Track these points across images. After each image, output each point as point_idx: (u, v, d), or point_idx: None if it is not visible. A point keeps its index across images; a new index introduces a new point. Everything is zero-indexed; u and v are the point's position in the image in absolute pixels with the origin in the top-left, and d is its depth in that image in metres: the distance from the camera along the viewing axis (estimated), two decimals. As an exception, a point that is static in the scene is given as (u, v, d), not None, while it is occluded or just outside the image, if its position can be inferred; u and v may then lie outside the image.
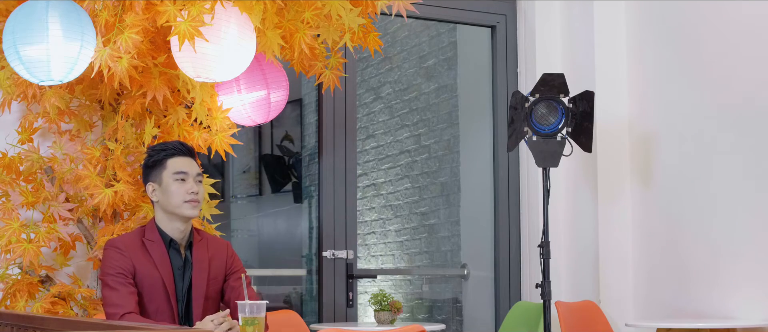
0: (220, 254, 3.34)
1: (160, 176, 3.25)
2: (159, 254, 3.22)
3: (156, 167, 3.26)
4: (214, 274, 3.30)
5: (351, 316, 4.96)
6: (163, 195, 3.24)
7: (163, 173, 3.25)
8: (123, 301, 3.11)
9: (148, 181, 3.28)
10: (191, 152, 3.32)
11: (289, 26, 3.67)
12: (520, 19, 5.39)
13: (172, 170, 3.24)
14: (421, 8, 4.02)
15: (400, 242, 7.07)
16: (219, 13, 3.34)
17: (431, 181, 6.64)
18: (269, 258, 6.63)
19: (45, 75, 3.30)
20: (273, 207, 7.05)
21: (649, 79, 4.94)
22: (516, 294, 5.28)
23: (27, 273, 3.68)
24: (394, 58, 7.17)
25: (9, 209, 3.65)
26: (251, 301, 2.84)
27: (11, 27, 3.27)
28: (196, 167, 3.28)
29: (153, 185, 3.26)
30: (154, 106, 3.67)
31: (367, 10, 3.82)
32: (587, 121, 4.38)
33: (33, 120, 3.79)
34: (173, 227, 3.26)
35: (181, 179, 3.23)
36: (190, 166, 3.27)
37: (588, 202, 5.00)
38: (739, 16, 4.51)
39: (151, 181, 3.27)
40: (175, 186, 3.22)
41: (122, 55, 3.34)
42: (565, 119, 4.40)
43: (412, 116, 6.99)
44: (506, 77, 5.38)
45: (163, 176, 3.24)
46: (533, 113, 4.41)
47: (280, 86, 3.93)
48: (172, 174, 3.24)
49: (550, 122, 4.42)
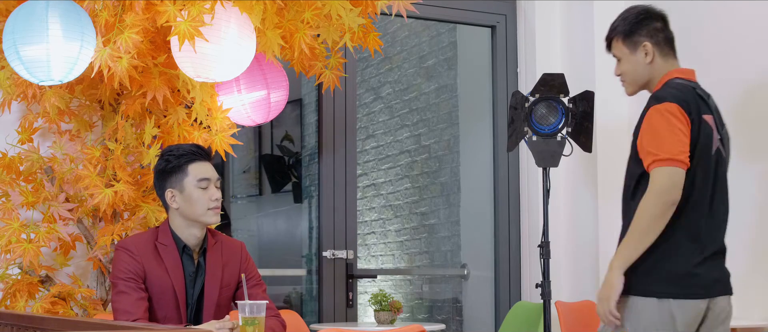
0: (234, 259, 3.23)
1: (182, 182, 3.11)
2: (172, 260, 3.12)
3: (175, 172, 3.12)
4: (227, 281, 3.20)
5: (351, 316, 4.96)
6: (184, 202, 3.11)
7: (185, 179, 3.11)
8: (132, 308, 3.04)
9: (167, 187, 3.13)
10: (210, 156, 3.20)
11: (289, 26, 3.67)
12: (520, 19, 5.39)
13: (196, 176, 3.11)
14: (421, 8, 4.02)
15: (400, 242, 7.07)
16: (219, 13, 3.34)
17: (431, 181, 6.65)
18: (269, 258, 6.63)
19: (45, 75, 3.30)
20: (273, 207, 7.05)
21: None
22: (516, 294, 5.28)
23: (27, 273, 3.68)
24: (394, 58, 7.17)
25: (9, 209, 3.65)
26: (251, 301, 2.82)
27: (11, 27, 3.27)
28: (215, 172, 3.16)
29: (172, 192, 3.12)
30: (154, 106, 3.67)
31: (367, 10, 3.82)
32: (587, 121, 4.38)
33: (33, 120, 3.78)
34: (190, 233, 3.15)
35: (204, 187, 3.11)
36: (211, 171, 3.14)
37: (588, 202, 5.00)
38: (739, 17, 4.51)
39: (171, 187, 3.12)
40: (198, 193, 3.10)
41: (122, 55, 3.34)
42: (565, 119, 4.40)
43: (412, 116, 6.99)
44: (506, 77, 5.38)
45: (185, 182, 3.10)
46: (533, 113, 4.41)
47: (280, 86, 3.93)
48: (195, 181, 3.10)
49: (550, 122, 4.42)
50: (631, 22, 3.20)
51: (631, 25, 3.19)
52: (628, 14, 3.23)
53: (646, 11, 3.22)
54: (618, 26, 3.23)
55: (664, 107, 2.96)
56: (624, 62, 3.22)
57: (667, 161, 2.90)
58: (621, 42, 3.21)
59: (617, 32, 3.23)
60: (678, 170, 2.90)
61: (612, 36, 3.25)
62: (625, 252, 2.97)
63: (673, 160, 2.90)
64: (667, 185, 2.89)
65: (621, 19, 3.24)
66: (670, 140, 2.91)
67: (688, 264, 2.97)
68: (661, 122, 2.94)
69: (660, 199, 2.89)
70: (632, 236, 2.95)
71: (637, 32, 3.18)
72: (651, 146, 2.94)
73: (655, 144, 2.93)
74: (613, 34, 3.24)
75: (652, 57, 3.17)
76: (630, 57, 3.20)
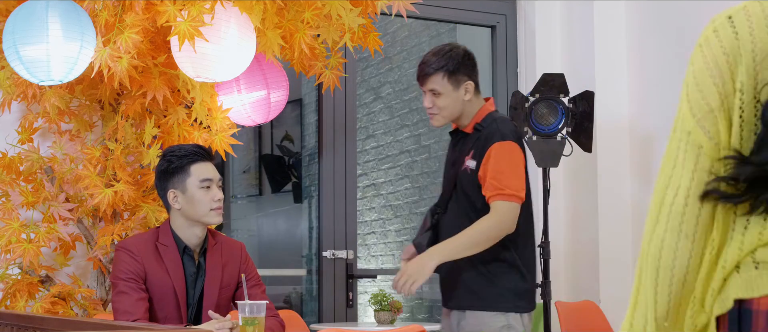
0: (234, 259, 3.24)
1: (184, 183, 3.11)
2: (172, 260, 3.12)
3: (177, 173, 3.12)
4: (227, 281, 3.20)
5: (351, 316, 4.96)
6: (186, 203, 3.11)
7: (188, 180, 3.10)
8: (133, 308, 3.03)
9: (169, 188, 3.13)
10: (212, 156, 3.20)
11: (289, 26, 3.67)
12: (520, 19, 5.39)
13: (198, 177, 3.11)
14: (421, 8, 4.02)
15: (400, 242, 7.08)
16: (219, 13, 3.34)
17: (431, 181, 6.65)
18: (269, 258, 6.63)
19: (45, 75, 3.30)
20: (273, 207, 7.05)
21: (649, 80, 4.94)
22: (516, 294, 5.28)
23: (27, 273, 3.68)
24: (394, 58, 7.17)
25: (9, 209, 3.65)
26: (251, 301, 2.83)
27: (11, 27, 3.27)
28: (216, 172, 3.16)
29: (174, 193, 3.12)
30: (154, 106, 3.67)
31: (367, 10, 3.82)
32: (587, 121, 4.38)
33: (33, 120, 3.78)
34: (192, 234, 3.15)
35: (207, 187, 3.11)
36: (213, 172, 3.14)
37: (588, 202, 5.00)
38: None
39: (173, 188, 3.12)
40: (201, 194, 3.09)
41: (122, 55, 3.34)
42: (565, 119, 4.41)
43: (412, 116, 6.99)
44: (506, 77, 5.38)
45: (188, 183, 3.10)
46: (533, 113, 4.41)
47: (280, 86, 3.93)
48: (198, 182, 3.10)
49: (550, 122, 4.42)
50: (456, 60, 3.41)
51: (456, 64, 3.40)
52: (453, 53, 3.42)
53: (468, 52, 3.46)
54: (444, 64, 3.40)
55: (509, 144, 3.29)
56: (444, 97, 3.41)
57: (510, 196, 3.25)
58: (447, 79, 3.40)
59: (441, 69, 3.40)
60: (517, 206, 3.26)
61: (429, 72, 3.42)
62: (449, 252, 3.27)
63: (515, 196, 3.25)
64: (508, 218, 3.25)
65: (445, 57, 3.41)
66: (513, 176, 3.26)
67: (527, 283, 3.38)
68: (508, 158, 3.28)
69: (500, 227, 3.25)
70: (463, 244, 3.26)
71: (460, 71, 3.40)
72: (495, 181, 3.25)
73: (501, 179, 3.25)
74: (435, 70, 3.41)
75: (471, 95, 3.43)
76: (452, 93, 3.41)
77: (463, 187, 3.39)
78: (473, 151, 3.37)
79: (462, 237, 3.27)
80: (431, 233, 3.48)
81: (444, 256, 3.27)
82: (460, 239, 3.27)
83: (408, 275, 3.26)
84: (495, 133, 3.34)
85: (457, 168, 3.42)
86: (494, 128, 3.37)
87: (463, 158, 3.40)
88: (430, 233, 3.48)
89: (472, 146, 3.39)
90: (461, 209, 3.39)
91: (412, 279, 3.25)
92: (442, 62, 3.41)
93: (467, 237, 3.26)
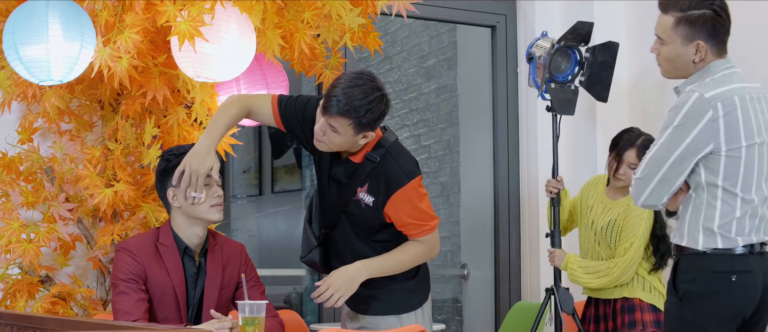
0: (234, 259, 3.25)
1: None
2: (173, 261, 3.13)
3: None
4: (227, 282, 3.21)
5: (351, 316, 4.95)
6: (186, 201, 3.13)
7: None
8: (132, 309, 3.04)
9: (169, 186, 3.15)
10: None
11: (289, 26, 3.67)
12: (520, 19, 5.39)
13: None
14: (421, 8, 4.02)
15: (400, 242, 7.07)
16: (219, 13, 3.34)
17: (431, 181, 6.65)
18: (269, 258, 6.64)
19: (45, 75, 3.30)
20: (273, 207, 7.06)
21: (649, 80, 4.93)
22: (516, 294, 5.28)
23: (27, 273, 3.68)
24: (394, 58, 7.18)
25: (9, 209, 3.65)
26: (251, 301, 2.83)
27: (11, 27, 3.28)
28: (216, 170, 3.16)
29: (174, 191, 3.13)
30: (154, 106, 3.67)
31: (367, 10, 3.82)
32: (606, 71, 4.36)
33: (33, 120, 3.78)
34: (192, 233, 3.16)
35: (206, 184, 3.12)
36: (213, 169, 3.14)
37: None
38: (738, 16, 4.50)
39: (174, 186, 3.14)
40: None
41: (122, 55, 3.34)
42: (578, 69, 4.39)
43: (412, 116, 6.99)
44: (506, 77, 5.38)
45: None
46: (553, 60, 4.39)
47: (280, 86, 3.93)
48: None
49: (562, 70, 4.41)
50: (377, 113, 3.11)
51: (376, 116, 3.11)
52: (372, 105, 3.10)
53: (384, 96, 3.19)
54: (363, 115, 3.07)
55: (416, 181, 3.24)
56: (340, 137, 3.10)
57: (433, 227, 3.30)
58: (354, 128, 3.08)
59: (360, 118, 3.07)
60: (437, 229, 3.34)
61: (349, 118, 3.07)
62: (376, 269, 3.28)
63: (436, 224, 3.31)
64: (437, 244, 3.35)
65: (365, 109, 3.07)
66: (429, 209, 3.29)
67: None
68: (419, 195, 3.25)
69: (429, 255, 3.35)
70: (391, 266, 3.30)
71: (378, 121, 3.14)
72: (418, 221, 3.26)
73: (423, 218, 3.27)
74: (353, 118, 3.07)
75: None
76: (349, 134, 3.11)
77: (358, 213, 3.26)
78: (368, 184, 3.20)
79: (391, 260, 3.28)
80: (321, 250, 3.41)
81: (371, 272, 3.25)
82: (390, 261, 3.28)
83: (335, 288, 3.21)
84: (397, 175, 3.19)
85: (346, 196, 3.23)
86: (393, 169, 3.20)
87: (354, 188, 3.22)
88: (320, 250, 3.41)
89: (367, 179, 3.20)
90: (354, 228, 3.30)
91: (340, 293, 3.21)
92: (360, 114, 3.07)
93: (396, 261, 3.29)
